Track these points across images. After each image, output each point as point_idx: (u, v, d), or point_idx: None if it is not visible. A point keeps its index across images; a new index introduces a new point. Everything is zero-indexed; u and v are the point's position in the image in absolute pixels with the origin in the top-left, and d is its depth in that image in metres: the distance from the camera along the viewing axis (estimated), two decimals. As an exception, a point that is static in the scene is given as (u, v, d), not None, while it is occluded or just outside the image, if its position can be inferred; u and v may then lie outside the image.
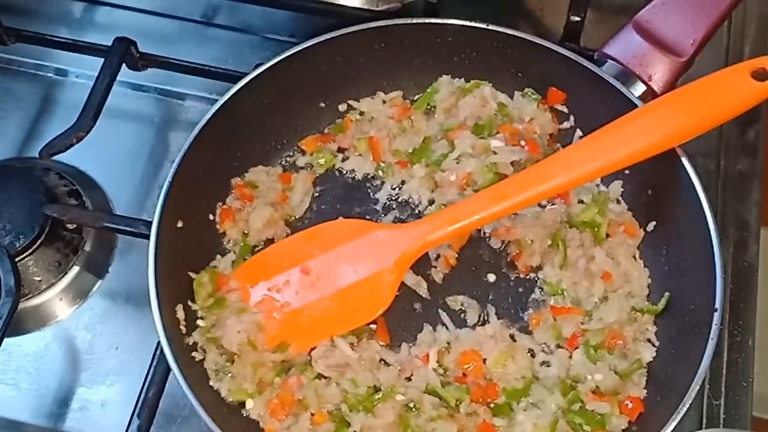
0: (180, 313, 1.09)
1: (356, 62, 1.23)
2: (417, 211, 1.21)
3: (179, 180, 1.10)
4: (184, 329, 1.09)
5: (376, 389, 1.08)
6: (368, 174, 1.24)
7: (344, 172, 1.24)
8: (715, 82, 1.08)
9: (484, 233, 1.19)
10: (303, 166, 1.23)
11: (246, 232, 1.18)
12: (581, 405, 1.07)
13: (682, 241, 1.13)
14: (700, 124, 1.08)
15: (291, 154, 1.25)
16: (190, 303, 1.11)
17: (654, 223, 1.17)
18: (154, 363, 1.07)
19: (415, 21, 1.21)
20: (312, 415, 1.07)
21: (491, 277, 1.17)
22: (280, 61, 1.17)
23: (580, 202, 1.19)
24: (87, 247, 1.22)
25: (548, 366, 1.11)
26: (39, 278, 1.19)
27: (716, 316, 1.03)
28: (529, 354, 1.11)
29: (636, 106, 1.12)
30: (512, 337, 1.13)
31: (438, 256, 1.17)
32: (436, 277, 1.17)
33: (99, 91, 1.23)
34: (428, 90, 1.25)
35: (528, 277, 1.16)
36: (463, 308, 1.15)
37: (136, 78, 1.33)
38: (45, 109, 1.34)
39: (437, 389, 1.07)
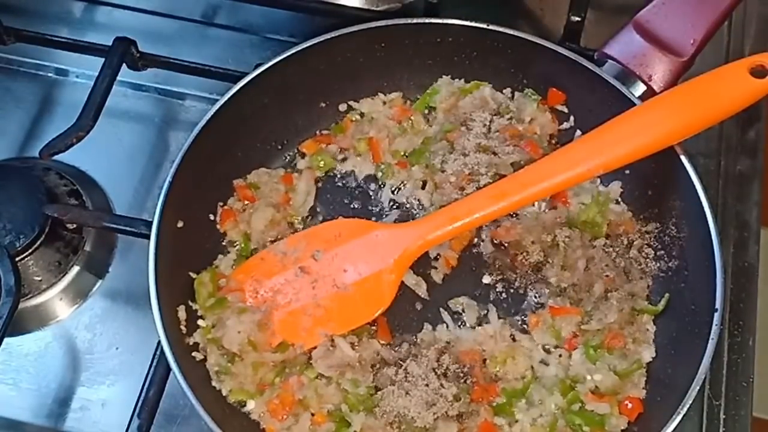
0: (181, 314, 1.09)
1: (356, 62, 1.23)
2: (417, 212, 1.21)
3: (179, 180, 1.10)
4: (184, 329, 1.09)
5: (377, 389, 1.08)
6: (368, 175, 1.24)
7: (344, 173, 1.24)
8: (714, 80, 1.08)
9: (485, 234, 1.19)
10: (303, 168, 1.23)
11: (248, 233, 1.18)
12: (581, 405, 1.07)
13: (682, 241, 1.13)
14: (699, 122, 1.08)
15: (291, 154, 1.25)
16: (190, 303, 1.11)
17: (654, 223, 1.17)
18: (155, 363, 1.08)
19: (415, 21, 1.21)
20: (312, 415, 1.07)
21: (491, 278, 1.17)
22: (280, 61, 1.17)
23: (581, 203, 1.19)
24: (87, 247, 1.22)
25: (548, 366, 1.11)
26: (39, 278, 1.19)
27: (716, 316, 1.03)
28: (529, 354, 1.12)
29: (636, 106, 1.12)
30: (512, 337, 1.13)
31: (438, 257, 1.17)
32: (436, 277, 1.17)
33: (99, 91, 1.23)
34: (428, 91, 1.25)
35: (528, 277, 1.16)
36: (463, 308, 1.15)
37: (136, 78, 1.33)
38: (45, 109, 1.34)
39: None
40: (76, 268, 1.21)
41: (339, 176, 1.24)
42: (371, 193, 1.23)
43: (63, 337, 1.19)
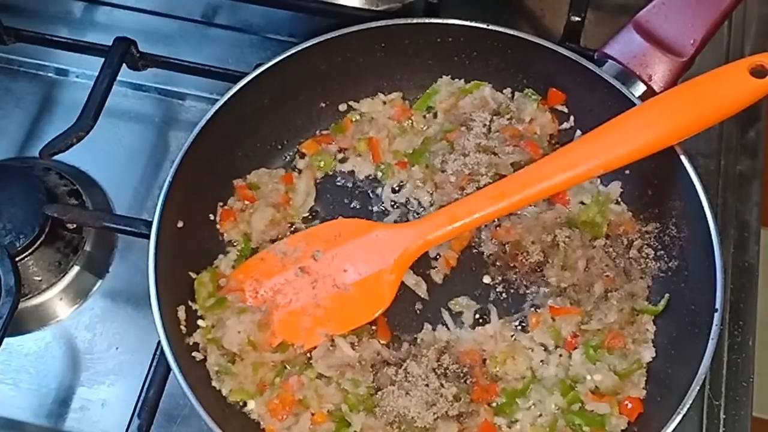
0: (181, 314, 1.09)
1: (356, 62, 1.23)
2: (417, 212, 1.21)
3: (179, 180, 1.10)
4: (184, 329, 1.09)
5: (377, 389, 1.08)
6: (368, 175, 1.24)
7: (345, 173, 1.24)
8: (714, 80, 1.08)
9: (485, 234, 1.18)
10: (303, 168, 1.23)
11: (247, 233, 1.18)
12: (581, 405, 1.07)
13: (682, 241, 1.13)
14: (699, 122, 1.08)
15: (291, 154, 1.25)
16: (190, 303, 1.11)
17: (654, 223, 1.17)
18: (155, 363, 1.08)
19: (415, 21, 1.21)
20: (312, 415, 1.07)
21: (491, 278, 1.17)
22: (280, 61, 1.17)
23: (581, 203, 1.19)
24: (87, 247, 1.22)
25: (548, 366, 1.11)
26: (39, 278, 1.19)
27: (716, 316, 1.03)
28: (529, 354, 1.12)
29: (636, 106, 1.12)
30: (512, 337, 1.13)
31: (438, 257, 1.17)
32: (436, 277, 1.17)
33: (99, 90, 1.23)
34: (428, 91, 1.25)
35: (528, 277, 1.16)
36: (462, 308, 1.15)
37: (136, 78, 1.33)
38: (45, 109, 1.34)
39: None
40: (76, 268, 1.21)
41: (339, 176, 1.24)
42: (371, 193, 1.23)
43: (63, 337, 1.19)
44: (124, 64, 1.27)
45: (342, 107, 1.26)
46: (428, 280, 1.16)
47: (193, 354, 1.09)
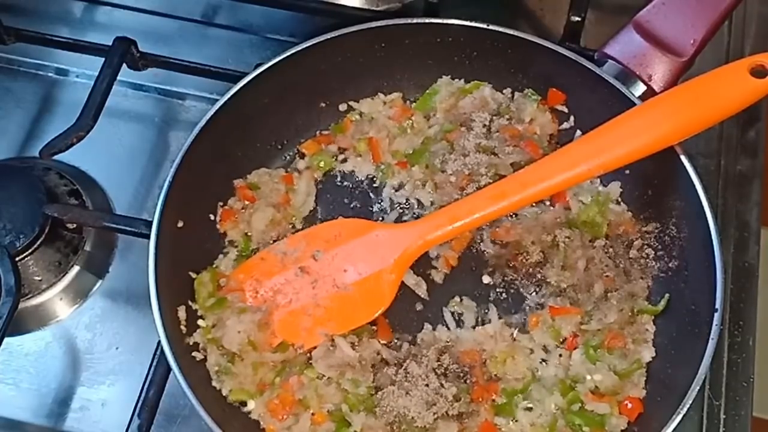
0: (181, 314, 1.09)
1: (356, 62, 1.23)
2: (417, 212, 1.21)
3: (180, 180, 1.10)
4: (184, 329, 1.09)
5: (377, 389, 1.08)
6: (368, 175, 1.24)
7: (345, 173, 1.24)
8: (714, 80, 1.08)
9: (485, 234, 1.19)
10: (303, 168, 1.23)
11: (248, 233, 1.18)
12: (581, 405, 1.08)
13: (682, 241, 1.13)
14: (699, 122, 1.08)
15: (291, 154, 1.25)
16: (190, 303, 1.11)
17: (654, 223, 1.17)
18: (155, 363, 1.08)
19: (415, 21, 1.21)
20: (312, 415, 1.07)
21: (491, 278, 1.17)
22: (280, 61, 1.17)
23: (581, 203, 1.19)
24: (87, 247, 1.22)
25: (548, 366, 1.11)
26: (39, 278, 1.19)
27: (716, 316, 1.03)
28: (529, 354, 1.12)
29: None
30: (512, 337, 1.13)
31: (438, 257, 1.17)
32: (437, 277, 1.17)
33: (99, 90, 1.23)
34: (428, 91, 1.25)
35: (528, 277, 1.16)
36: (462, 308, 1.15)
37: (136, 78, 1.33)
38: (45, 109, 1.34)
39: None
40: (76, 268, 1.21)
41: (339, 176, 1.24)
42: (371, 193, 1.23)
43: (63, 337, 1.19)
44: (124, 64, 1.27)
45: (342, 107, 1.26)
46: (428, 280, 1.16)
47: (193, 354, 1.09)
